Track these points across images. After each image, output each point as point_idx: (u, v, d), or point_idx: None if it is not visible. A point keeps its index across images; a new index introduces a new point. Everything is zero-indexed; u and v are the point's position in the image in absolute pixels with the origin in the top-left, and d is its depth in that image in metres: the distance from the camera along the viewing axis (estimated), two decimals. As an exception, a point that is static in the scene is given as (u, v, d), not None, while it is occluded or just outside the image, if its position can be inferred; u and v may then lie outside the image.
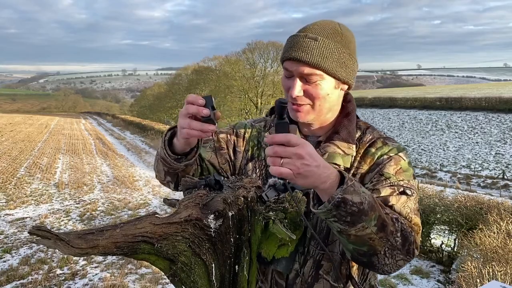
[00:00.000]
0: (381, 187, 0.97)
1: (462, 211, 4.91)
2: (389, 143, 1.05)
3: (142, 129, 26.79)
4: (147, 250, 0.75)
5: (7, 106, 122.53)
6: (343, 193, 0.78)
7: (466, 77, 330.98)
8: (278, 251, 0.93)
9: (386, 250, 0.86)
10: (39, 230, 0.66)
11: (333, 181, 0.81)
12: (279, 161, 0.76)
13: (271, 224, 0.89)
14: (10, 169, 11.87)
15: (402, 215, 0.93)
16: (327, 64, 0.98)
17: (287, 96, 1.05)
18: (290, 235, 0.87)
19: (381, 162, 1.01)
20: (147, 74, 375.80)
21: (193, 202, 0.82)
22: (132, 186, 10.08)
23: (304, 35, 1.00)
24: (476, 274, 2.97)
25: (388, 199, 0.95)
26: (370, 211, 0.81)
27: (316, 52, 0.97)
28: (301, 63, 0.98)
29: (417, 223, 0.95)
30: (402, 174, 1.00)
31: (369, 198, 0.82)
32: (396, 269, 0.90)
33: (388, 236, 0.85)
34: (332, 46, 0.99)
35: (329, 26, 1.02)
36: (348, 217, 0.80)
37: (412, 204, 0.96)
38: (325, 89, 1.00)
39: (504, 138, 29.57)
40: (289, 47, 1.01)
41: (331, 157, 1.03)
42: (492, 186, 18.59)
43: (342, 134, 1.05)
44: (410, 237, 0.88)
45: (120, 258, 4.92)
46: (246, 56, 37.86)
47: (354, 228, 0.81)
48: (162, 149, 1.00)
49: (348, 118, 1.09)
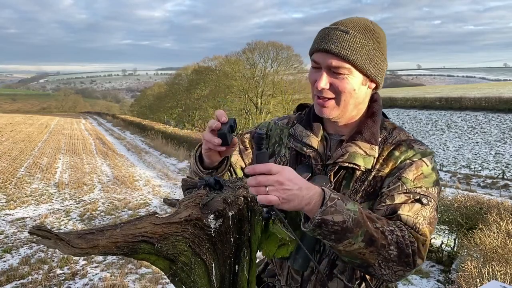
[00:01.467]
0: (396, 194, 0.95)
1: (462, 211, 4.91)
2: (415, 147, 1.02)
3: (142, 129, 26.77)
4: (147, 250, 0.75)
5: (7, 106, 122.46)
6: (322, 215, 0.80)
7: (466, 77, 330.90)
8: (278, 251, 0.93)
9: (380, 262, 0.86)
10: (39, 230, 0.66)
11: (317, 201, 0.83)
12: (264, 189, 0.79)
13: (271, 224, 0.89)
14: (10, 169, 11.86)
15: (408, 224, 0.91)
16: (357, 58, 0.96)
17: (312, 90, 1.05)
18: (290, 235, 0.87)
19: (403, 167, 0.99)
20: (147, 74, 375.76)
21: (193, 202, 0.82)
22: (132, 186, 10.08)
23: (335, 27, 0.99)
24: (476, 274, 2.97)
25: (398, 207, 0.93)
26: (356, 228, 0.82)
27: (346, 45, 0.96)
28: (329, 55, 0.97)
29: (424, 233, 0.92)
30: (421, 180, 0.97)
31: (354, 215, 0.82)
32: (396, 278, 0.89)
33: (380, 250, 0.85)
34: (363, 41, 0.98)
35: (361, 22, 1.01)
36: (332, 235, 0.82)
37: (427, 213, 0.94)
38: (352, 84, 0.98)
39: (504, 138, 29.57)
40: (319, 39, 1.00)
41: (351, 157, 1.01)
42: (492, 186, 18.58)
43: (365, 134, 1.03)
44: (407, 249, 0.87)
45: (120, 258, 4.91)
46: (246, 56, 37.83)
47: (341, 245, 0.83)
48: (194, 164, 1.05)
49: (372, 119, 1.07)
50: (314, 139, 1.08)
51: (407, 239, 0.88)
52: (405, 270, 0.88)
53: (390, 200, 0.95)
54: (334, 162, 1.03)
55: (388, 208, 0.95)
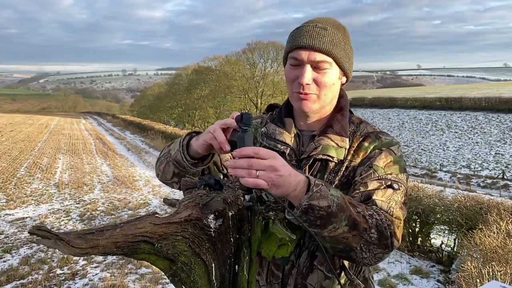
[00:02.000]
0: (369, 181, 1.00)
1: (462, 211, 4.91)
2: (382, 137, 1.08)
3: (142, 129, 26.77)
4: (147, 250, 0.75)
5: (7, 106, 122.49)
6: (309, 200, 0.81)
7: (466, 77, 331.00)
8: (278, 251, 0.93)
9: (362, 245, 0.89)
10: (39, 230, 0.66)
11: (302, 187, 0.84)
12: (255, 173, 0.78)
13: (271, 224, 0.89)
14: (10, 169, 11.87)
15: (383, 209, 0.96)
16: (337, 52, 1.02)
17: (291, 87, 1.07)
18: (290, 235, 0.87)
19: (373, 156, 1.05)
20: (147, 74, 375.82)
21: (193, 202, 0.82)
22: (132, 186, 10.08)
23: (314, 25, 1.04)
24: (476, 274, 2.97)
25: (372, 193, 0.98)
26: (340, 212, 0.84)
27: (327, 40, 1.01)
28: (312, 50, 1.01)
29: (398, 216, 0.97)
30: (391, 167, 1.02)
31: (337, 200, 0.85)
32: (375, 261, 0.93)
33: (362, 234, 0.88)
34: (340, 36, 1.04)
35: (332, 20, 1.08)
36: (318, 221, 0.83)
37: (398, 198, 0.99)
38: (331, 78, 1.04)
39: (504, 138, 29.57)
40: (298, 36, 1.03)
41: (324, 149, 1.05)
42: (492, 186, 18.59)
43: (336, 128, 1.08)
44: (386, 232, 0.91)
45: (120, 258, 4.92)
46: (246, 56, 37.85)
47: (326, 230, 0.84)
48: (180, 153, 1.03)
49: (341, 113, 1.12)
50: (287, 135, 1.12)
51: (384, 222, 0.92)
52: (384, 252, 0.92)
53: (364, 187, 0.99)
54: (308, 156, 1.07)
55: (362, 194, 0.99)
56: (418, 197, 5.48)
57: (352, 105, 56.59)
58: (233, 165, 0.80)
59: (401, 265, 4.99)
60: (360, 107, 47.92)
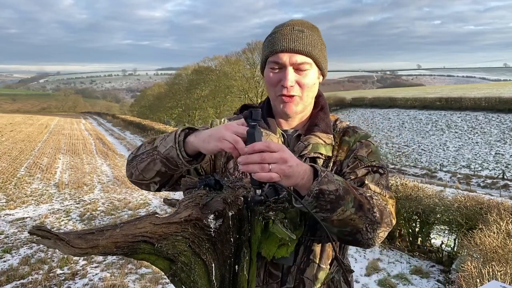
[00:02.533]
0: (358, 169, 1.07)
1: (462, 211, 4.91)
2: (358, 131, 1.15)
3: (142, 129, 26.79)
4: (147, 250, 0.75)
5: (7, 106, 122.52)
6: (319, 185, 0.85)
7: (466, 77, 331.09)
8: (278, 251, 0.93)
9: (367, 226, 0.93)
10: (39, 230, 0.66)
11: (309, 175, 0.87)
12: (267, 167, 0.79)
13: (271, 224, 0.89)
14: (10, 169, 11.87)
15: (377, 191, 1.02)
16: (315, 53, 1.06)
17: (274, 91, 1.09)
18: (290, 235, 0.87)
19: (355, 148, 1.12)
20: (147, 74, 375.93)
21: (193, 202, 0.82)
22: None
23: (291, 28, 1.06)
24: (476, 274, 2.97)
25: (364, 179, 1.05)
26: (346, 195, 0.88)
27: (306, 42, 1.04)
28: (294, 53, 1.03)
29: (391, 196, 1.05)
30: (373, 155, 1.10)
31: (342, 184, 0.89)
32: (378, 240, 0.98)
33: (367, 214, 0.92)
34: (316, 37, 1.07)
35: (306, 22, 1.11)
36: (328, 205, 0.86)
37: (384, 181, 1.07)
38: (312, 78, 1.07)
39: (504, 138, 29.56)
40: (277, 40, 1.05)
41: (315, 147, 1.09)
42: (492, 186, 18.59)
43: (321, 126, 1.13)
44: (385, 210, 0.97)
45: (120, 258, 4.92)
46: (246, 56, 37.86)
47: (335, 214, 0.88)
48: (176, 149, 0.97)
49: (323, 111, 1.17)
50: (274, 137, 1.12)
51: (381, 202, 0.98)
52: (385, 230, 0.97)
53: (354, 175, 1.06)
54: (300, 156, 1.09)
55: (355, 181, 1.05)
56: (418, 197, 5.48)
57: (352, 105, 56.13)
58: (245, 161, 0.80)
59: (401, 265, 4.99)
60: (360, 107, 47.91)
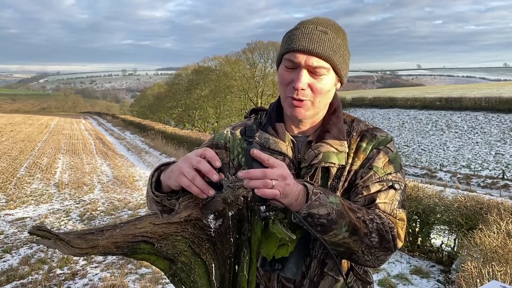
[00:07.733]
0: (371, 184, 1.00)
1: (462, 211, 4.91)
2: (377, 135, 1.06)
3: (142, 129, 26.78)
4: (147, 250, 0.75)
5: (7, 106, 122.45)
6: (308, 209, 0.82)
7: (466, 77, 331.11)
8: (278, 251, 0.92)
9: (363, 249, 0.90)
10: (39, 230, 0.66)
11: (302, 196, 0.84)
12: (270, 183, 0.76)
13: (271, 224, 0.89)
14: (10, 169, 11.86)
15: (386, 212, 0.97)
16: (336, 59, 0.97)
17: (284, 91, 1.01)
18: (290, 235, 0.87)
19: (371, 157, 1.03)
20: (147, 74, 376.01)
21: (193, 202, 0.82)
22: (132, 186, 10.08)
23: (314, 26, 0.98)
24: (476, 274, 2.97)
25: (375, 196, 0.98)
26: (340, 219, 0.85)
27: (327, 45, 0.96)
28: (311, 55, 0.95)
29: (402, 218, 0.98)
30: (389, 166, 1.02)
31: (337, 207, 0.85)
32: (378, 263, 0.94)
33: (362, 238, 0.89)
34: (339, 41, 0.99)
35: (333, 22, 1.01)
36: (318, 227, 0.84)
37: (399, 197, 1.00)
38: (327, 85, 0.99)
39: (504, 138, 29.56)
40: (296, 38, 0.97)
41: (326, 156, 1.01)
42: (492, 186, 18.58)
43: (333, 132, 1.04)
44: (387, 235, 0.92)
45: (120, 258, 4.91)
46: (246, 56, 37.87)
47: (326, 236, 0.85)
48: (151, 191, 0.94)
49: (336, 115, 1.07)
50: (282, 144, 1.05)
51: (386, 225, 0.92)
52: (386, 254, 0.93)
53: (366, 191, 0.99)
54: (310, 165, 1.02)
55: (365, 198, 0.99)
56: (418, 197, 5.47)
57: (352, 105, 56.14)
58: (247, 176, 0.76)
59: (401, 265, 4.99)
60: (360, 107, 47.90)
